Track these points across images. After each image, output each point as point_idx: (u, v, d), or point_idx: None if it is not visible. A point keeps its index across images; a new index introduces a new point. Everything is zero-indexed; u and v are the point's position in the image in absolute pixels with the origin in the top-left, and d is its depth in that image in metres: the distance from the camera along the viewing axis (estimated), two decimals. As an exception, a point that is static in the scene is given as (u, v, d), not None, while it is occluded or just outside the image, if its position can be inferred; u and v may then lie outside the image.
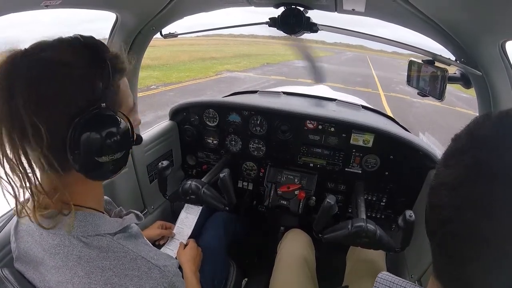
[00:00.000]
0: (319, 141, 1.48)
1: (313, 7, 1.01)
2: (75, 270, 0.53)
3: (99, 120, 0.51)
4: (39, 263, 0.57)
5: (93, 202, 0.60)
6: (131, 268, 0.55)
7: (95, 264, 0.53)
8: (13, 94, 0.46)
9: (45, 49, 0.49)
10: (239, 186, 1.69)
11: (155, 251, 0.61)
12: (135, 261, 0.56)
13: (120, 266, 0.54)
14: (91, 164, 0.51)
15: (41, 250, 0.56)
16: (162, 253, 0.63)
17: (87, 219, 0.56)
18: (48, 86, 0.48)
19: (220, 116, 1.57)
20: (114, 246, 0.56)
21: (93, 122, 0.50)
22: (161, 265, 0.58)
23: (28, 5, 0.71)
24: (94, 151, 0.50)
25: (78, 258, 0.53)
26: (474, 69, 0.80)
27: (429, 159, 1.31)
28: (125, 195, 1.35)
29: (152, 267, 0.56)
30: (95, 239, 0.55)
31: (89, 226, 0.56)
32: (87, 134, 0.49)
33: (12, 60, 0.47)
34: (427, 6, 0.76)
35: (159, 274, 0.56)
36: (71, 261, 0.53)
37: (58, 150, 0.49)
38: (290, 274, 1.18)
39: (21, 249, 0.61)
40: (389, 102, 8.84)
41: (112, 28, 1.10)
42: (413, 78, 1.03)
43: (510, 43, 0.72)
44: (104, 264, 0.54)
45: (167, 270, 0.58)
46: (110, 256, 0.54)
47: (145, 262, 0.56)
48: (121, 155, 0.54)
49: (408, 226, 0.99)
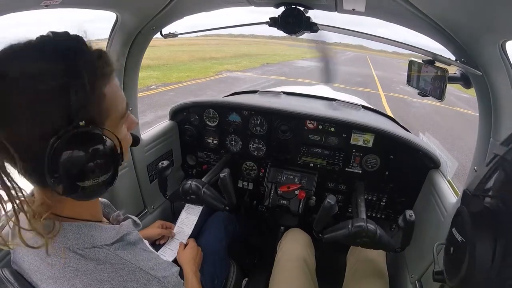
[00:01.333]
0: (319, 141, 1.48)
1: (313, 7, 1.01)
2: (73, 282, 0.52)
3: (78, 141, 0.44)
4: (33, 272, 0.56)
5: (87, 214, 0.58)
6: (130, 280, 0.53)
7: (93, 276, 0.52)
8: None
9: (9, 61, 0.42)
10: (239, 186, 1.69)
11: (154, 259, 0.59)
12: (134, 273, 0.54)
13: (118, 278, 0.53)
14: (74, 188, 0.45)
15: (38, 258, 0.55)
16: (162, 261, 0.61)
17: (82, 231, 0.54)
18: (15, 104, 0.41)
19: (220, 116, 1.57)
20: (112, 258, 0.54)
21: (71, 143, 0.43)
22: (160, 276, 0.56)
23: (28, 5, 0.71)
24: (75, 175, 0.44)
25: (75, 270, 0.52)
26: (474, 69, 0.80)
27: (429, 159, 1.31)
28: (125, 195, 1.35)
29: (151, 279, 0.55)
30: (91, 251, 0.53)
31: (84, 238, 0.54)
32: (65, 157, 0.43)
33: None
34: (427, 6, 0.76)
35: (158, 286, 0.55)
36: (68, 273, 0.52)
37: (37, 172, 0.44)
38: (289, 274, 1.18)
39: (16, 254, 0.60)
40: (389, 102, 8.84)
41: (112, 28, 1.10)
42: (413, 78, 1.03)
43: (510, 43, 0.72)
44: (102, 277, 0.52)
45: (167, 281, 0.57)
46: (107, 268, 0.53)
47: (143, 274, 0.55)
48: (106, 177, 0.48)
49: (408, 226, 0.99)
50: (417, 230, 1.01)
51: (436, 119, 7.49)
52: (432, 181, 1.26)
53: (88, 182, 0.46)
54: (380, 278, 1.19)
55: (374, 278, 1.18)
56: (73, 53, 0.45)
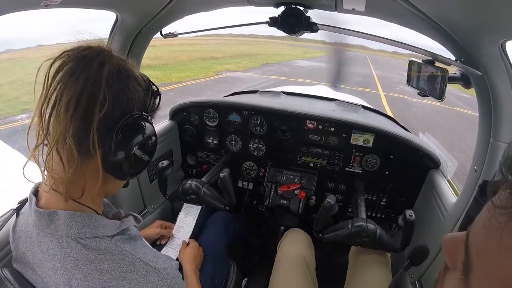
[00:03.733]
0: (319, 141, 1.48)
1: (313, 7, 1.01)
2: (73, 272, 0.53)
3: (147, 123, 0.62)
4: (37, 265, 0.57)
5: (94, 203, 0.61)
6: (130, 271, 0.55)
7: (93, 266, 0.53)
8: (103, 67, 0.54)
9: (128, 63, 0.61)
10: (239, 186, 1.69)
11: (154, 253, 0.61)
12: (134, 264, 0.56)
13: (118, 269, 0.54)
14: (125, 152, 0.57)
15: (39, 251, 0.56)
16: (162, 255, 0.63)
17: (86, 221, 0.56)
18: (125, 85, 0.57)
19: (220, 116, 1.57)
20: (112, 249, 0.56)
21: (142, 121, 0.61)
22: (160, 267, 0.58)
23: (28, 5, 0.71)
24: (135, 140, 0.58)
25: (75, 260, 0.53)
26: (474, 69, 0.80)
27: (429, 159, 1.31)
28: (125, 195, 1.35)
29: (151, 270, 0.56)
30: (93, 241, 0.55)
31: (87, 228, 0.56)
32: (136, 126, 0.59)
33: (103, 46, 0.58)
34: (427, 6, 0.76)
35: (157, 277, 0.57)
36: (68, 263, 0.53)
37: (105, 129, 0.54)
38: (289, 274, 1.18)
39: (19, 250, 0.61)
40: (389, 102, 8.84)
41: (112, 28, 1.10)
42: (413, 78, 1.03)
43: (510, 43, 0.72)
44: (102, 267, 0.53)
45: (166, 273, 0.58)
46: (108, 258, 0.54)
47: (143, 264, 0.56)
48: (147, 159, 0.62)
49: (408, 226, 0.99)
50: (417, 230, 1.01)
51: (436, 119, 7.50)
52: (432, 181, 1.26)
53: (137, 151, 0.59)
54: (382, 277, 1.19)
55: (376, 278, 1.18)
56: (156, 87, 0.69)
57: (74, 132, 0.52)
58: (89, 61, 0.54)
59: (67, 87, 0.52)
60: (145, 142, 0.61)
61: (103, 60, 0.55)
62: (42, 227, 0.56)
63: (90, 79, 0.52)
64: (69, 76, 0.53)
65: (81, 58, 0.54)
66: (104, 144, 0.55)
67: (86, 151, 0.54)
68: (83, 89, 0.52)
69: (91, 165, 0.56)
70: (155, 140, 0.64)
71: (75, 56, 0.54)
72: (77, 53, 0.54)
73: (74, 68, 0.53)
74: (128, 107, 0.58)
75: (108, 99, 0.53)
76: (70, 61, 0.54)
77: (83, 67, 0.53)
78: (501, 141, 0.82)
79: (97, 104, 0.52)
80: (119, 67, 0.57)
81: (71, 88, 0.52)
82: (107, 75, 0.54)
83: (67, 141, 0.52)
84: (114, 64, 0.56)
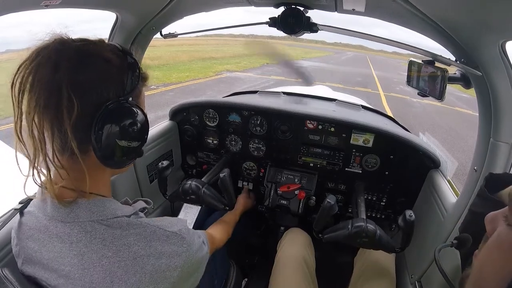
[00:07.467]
0: (319, 141, 1.48)
1: (313, 7, 1.01)
2: (102, 252, 0.55)
3: (125, 109, 0.58)
4: (53, 259, 0.57)
5: (104, 190, 0.63)
6: (153, 239, 0.59)
7: (120, 242, 0.57)
8: (59, 68, 0.51)
9: (91, 44, 0.57)
10: (239, 186, 1.69)
11: (167, 220, 0.66)
12: (155, 232, 0.60)
13: (143, 240, 0.58)
14: (110, 146, 0.56)
15: (58, 242, 0.57)
16: (173, 219, 0.67)
17: (105, 204, 0.60)
18: (91, 73, 0.54)
19: (220, 116, 1.57)
20: (134, 223, 0.60)
21: (119, 109, 0.57)
22: (176, 230, 0.63)
23: (28, 5, 0.71)
24: (115, 133, 0.56)
25: (102, 240, 0.56)
26: (474, 70, 0.79)
27: (429, 159, 1.31)
28: (125, 195, 1.34)
29: (170, 235, 0.62)
30: (115, 221, 0.58)
31: (107, 211, 0.59)
32: (113, 118, 0.55)
33: (62, 41, 0.54)
34: (427, 6, 0.76)
35: (176, 238, 0.62)
36: (95, 245, 0.56)
37: (83, 129, 0.54)
38: (289, 274, 1.18)
39: (29, 249, 0.60)
40: (389, 102, 8.84)
41: (112, 28, 1.10)
42: (413, 78, 1.03)
43: (510, 43, 0.72)
44: (129, 241, 0.57)
45: (182, 232, 0.64)
46: (132, 232, 0.58)
47: (162, 231, 0.61)
48: (137, 145, 0.61)
49: (408, 226, 0.99)
50: (417, 230, 1.01)
51: (436, 119, 7.50)
52: (432, 181, 1.26)
53: (124, 142, 0.58)
54: (386, 280, 1.18)
55: (382, 280, 1.18)
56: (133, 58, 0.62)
57: (56, 141, 0.54)
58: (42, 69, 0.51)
59: (30, 106, 0.52)
60: (128, 130, 0.58)
61: (56, 60, 0.51)
62: (62, 217, 0.57)
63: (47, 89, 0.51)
64: (29, 92, 0.52)
65: (35, 69, 0.52)
66: (89, 141, 0.55)
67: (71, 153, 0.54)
68: (46, 104, 0.51)
69: (88, 161, 0.57)
70: (143, 121, 0.61)
71: (29, 71, 0.52)
72: (31, 65, 0.52)
73: (31, 84, 0.52)
74: (101, 97, 0.55)
75: (75, 100, 0.51)
76: (27, 76, 0.52)
77: (38, 80, 0.51)
78: (501, 141, 0.82)
79: (63, 112, 0.51)
80: (77, 54, 0.53)
81: (35, 107, 0.51)
82: (65, 73, 0.51)
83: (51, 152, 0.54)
84: (70, 57, 0.52)
